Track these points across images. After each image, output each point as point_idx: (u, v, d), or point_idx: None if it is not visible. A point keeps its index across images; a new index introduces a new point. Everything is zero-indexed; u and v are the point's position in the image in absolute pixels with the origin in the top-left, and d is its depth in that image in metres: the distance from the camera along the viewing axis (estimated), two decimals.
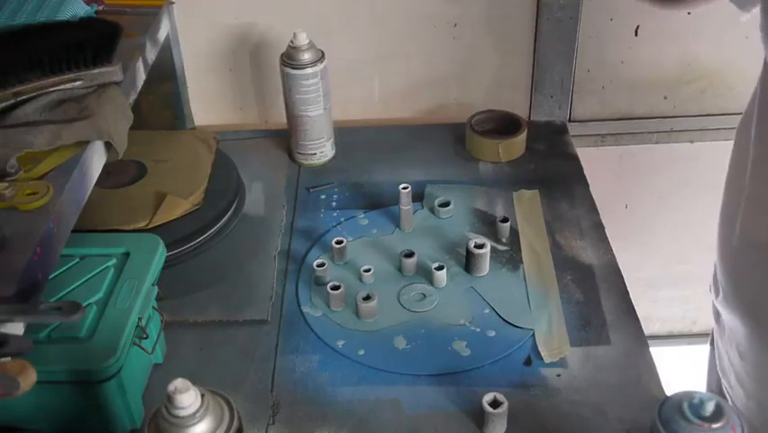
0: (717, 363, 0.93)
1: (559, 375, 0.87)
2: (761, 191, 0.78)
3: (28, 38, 0.81)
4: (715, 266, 0.91)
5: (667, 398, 0.66)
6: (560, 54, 1.25)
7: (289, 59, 1.12)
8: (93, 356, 0.75)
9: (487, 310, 0.95)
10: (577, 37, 1.23)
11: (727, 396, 0.90)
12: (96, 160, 0.76)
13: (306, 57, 1.12)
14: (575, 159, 1.22)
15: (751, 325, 0.81)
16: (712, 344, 0.97)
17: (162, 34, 1.04)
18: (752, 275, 0.80)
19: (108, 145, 0.77)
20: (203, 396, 0.62)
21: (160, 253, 0.88)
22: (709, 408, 0.63)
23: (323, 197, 1.15)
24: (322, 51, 1.14)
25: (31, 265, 0.62)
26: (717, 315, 0.92)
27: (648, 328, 0.96)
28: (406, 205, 1.05)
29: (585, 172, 1.19)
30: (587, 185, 1.16)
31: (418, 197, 1.11)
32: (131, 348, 0.79)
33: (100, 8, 0.94)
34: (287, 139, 1.22)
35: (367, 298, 0.93)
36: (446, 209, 1.09)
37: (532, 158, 1.21)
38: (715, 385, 0.96)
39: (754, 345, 0.81)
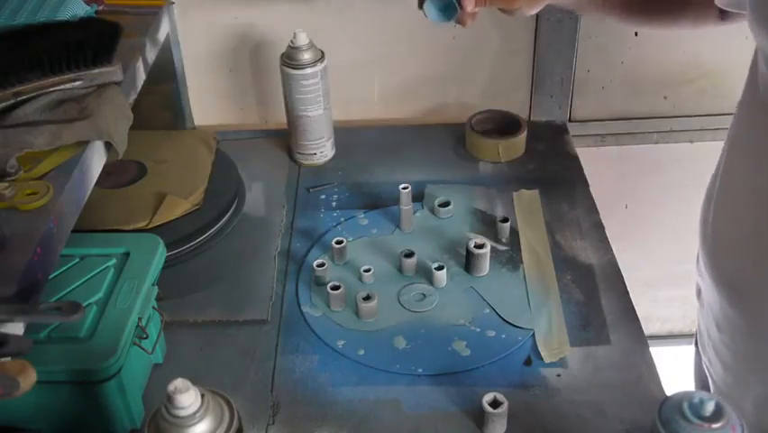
0: (698, 339, 0.93)
1: (559, 375, 0.87)
2: (727, 180, 0.82)
3: (28, 38, 0.81)
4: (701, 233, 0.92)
5: (667, 398, 0.66)
6: (560, 54, 1.25)
7: (289, 59, 1.13)
8: (93, 356, 0.75)
9: (487, 310, 0.95)
10: (577, 37, 1.23)
11: (707, 373, 0.90)
12: (96, 160, 0.76)
13: (306, 57, 1.12)
14: (575, 159, 1.22)
15: (725, 293, 0.82)
16: (696, 345, 0.97)
17: (162, 34, 1.04)
18: (726, 245, 0.82)
19: (108, 145, 0.77)
20: (203, 396, 0.62)
21: (160, 253, 0.88)
22: (709, 408, 0.63)
23: (323, 197, 1.15)
24: (322, 51, 1.14)
25: (31, 265, 0.62)
26: (698, 291, 0.92)
27: (648, 328, 0.96)
28: (406, 205, 1.05)
29: (585, 172, 1.19)
30: (587, 185, 1.16)
31: (418, 197, 1.11)
32: (131, 348, 0.79)
33: (100, 8, 0.94)
34: (287, 139, 1.22)
35: (367, 298, 0.93)
36: (446, 209, 1.09)
37: (532, 158, 1.21)
38: (700, 386, 0.96)
39: (729, 313, 0.82)
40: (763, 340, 0.79)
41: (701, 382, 0.95)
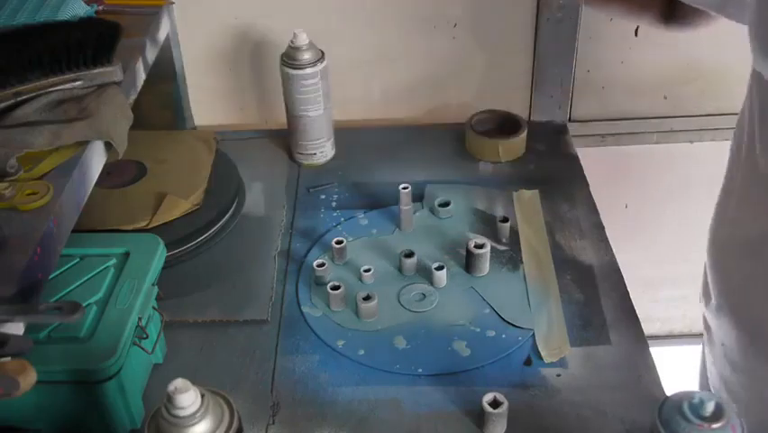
0: (709, 377, 0.92)
1: (559, 375, 0.87)
2: (748, 191, 0.79)
3: (28, 38, 0.81)
4: (705, 273, 0.90)
5: (667, 398, 0.66)
6: (560, 54, 1.25)
7: (289, 59, 1.12)
8: (93, 356, 0.75)
9: (487, 310, 0.95)
10: (577, 37, 1.23)
11: None
12: (96, 160, 0.76)
13: (306, 57, 1.12)
14: (575, 159, 1.22)
15: (744, 332, 0.80)
16: (704, 346, 0.97)
17: (162, 34, 1.04)
18: (740, 275, 0.80)
19: (108, 145, 0.78)
20: (203, 396, 0.62)
21: (160, 253, 0.88)
22: (709, 408, 0.63)
23: (323, 197, 1.15)
24: (322, 51, 1.14)
25: (31, 265, 0.62)
26: (707, 326, 0.91)
27: (648, 328, 0.96)
28: (406, 205, 1.05)
29: (585, 172, 1.19)
30: (587, 185, 1.16)
31: (418, 197, 1.11)
32: (131, 348, 0.79)
33: (100, 8, 0.94)
34: (287, 139, 1.22)
35: (367, 298, 0.93)
36: (446, 209, 1.09)
37: (532, 158, 1.21)
38: (704, 388, 0.96)
39: (749, 354, 0.80)
40: None
41: (705, 385, 0.94)
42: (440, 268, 0.97)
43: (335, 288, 0.94)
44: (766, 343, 0.78)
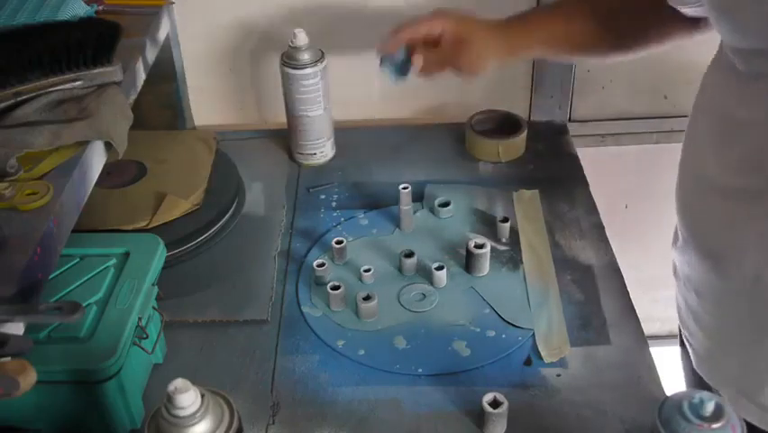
0: (678, 314, 0.94)
1: (559, 375, 0.87)
2: (705, 126, 0.85)
3: (28, 38, 0.81)
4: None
5: (667, 398, 0.66)
6: None
7: (289, 59, 1.13)
8: (93, 356, 0.75)
9: (487, 310, 0.95)
10: None
11: (689, 347, 0.91)
12: (96, 160, 0.76)
13: (306, 57, 1.12)
14: (575, 159, 1.22)
15: (707, 259, 0.82)
16: (682, 345, 0.98)
17: (162, 34, 1.04)
18: (701, 208, 0.83)
19: (108, 145, 0.78)
20: (203, 396, 0.62)
21: (160, 253, 0.88)
22: (709, 408, 0.63)
23: (323, 197, 1.15)
24: (322, 51, 1.14)
25: (31, 265, 0.62)
26: (674, 268, 0.93)
27: (648, 328, 0.96)
28: (406, 205, 1.05)
29: (585, 172, 1.19)
30: (587, 185, 1.16)
31: (418, 197, 1.11)
32: (131, 348, 0.79)
33: (100, 8, 0.94)
34: (287, 139, 1.22)
35: (367, 298, 0.93)
36: (446, 209, 1.09)
37: (532, 158, 1.21)
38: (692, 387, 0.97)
39: (713, 280, 0.82)
40: (742, 300, 0.79)
41: (693, 384, 0.95)
42: (440, 268, 0.97)
43: (335, 288, 0.94)
44: (720, 262, 0.80)
